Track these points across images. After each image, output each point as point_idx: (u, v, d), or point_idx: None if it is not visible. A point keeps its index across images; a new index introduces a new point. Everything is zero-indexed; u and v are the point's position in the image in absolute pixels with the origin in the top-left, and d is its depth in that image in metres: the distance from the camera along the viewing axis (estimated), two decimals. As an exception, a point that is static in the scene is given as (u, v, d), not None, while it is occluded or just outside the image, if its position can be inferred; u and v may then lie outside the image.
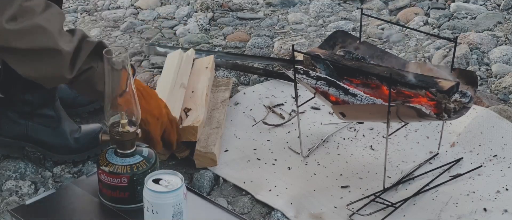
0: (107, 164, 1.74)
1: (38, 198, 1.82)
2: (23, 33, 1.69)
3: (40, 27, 1.70)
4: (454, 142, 2.13)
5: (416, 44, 2.75)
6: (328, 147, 2.13)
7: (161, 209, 1.60)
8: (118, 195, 1.75)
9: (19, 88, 2.00)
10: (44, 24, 1.71)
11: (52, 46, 1.72)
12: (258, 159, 2.08)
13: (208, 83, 2.27)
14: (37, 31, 1.70)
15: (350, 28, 2.87)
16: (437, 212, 1.86)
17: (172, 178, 1.63)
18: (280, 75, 2.45)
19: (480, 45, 2.69)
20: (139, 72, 2.55)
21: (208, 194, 1.96)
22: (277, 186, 1.96)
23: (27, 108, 2.02)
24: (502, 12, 3.01)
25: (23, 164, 2.04)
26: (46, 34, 1.71)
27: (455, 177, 1.99)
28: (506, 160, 2.05)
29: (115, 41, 2.82)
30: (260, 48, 2.73)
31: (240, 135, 2.18)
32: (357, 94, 1.95)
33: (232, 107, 2.32)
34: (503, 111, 2.24)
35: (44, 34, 1.71)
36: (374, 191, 1.93)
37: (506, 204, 1.89)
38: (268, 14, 3.03)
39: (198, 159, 2.03)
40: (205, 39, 2.81)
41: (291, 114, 2.28)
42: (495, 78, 2.50)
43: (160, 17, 3.03)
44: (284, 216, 1.87)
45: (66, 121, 2.06)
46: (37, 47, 1.71)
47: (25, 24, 1.68)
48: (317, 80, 1.97)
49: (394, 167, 2.04)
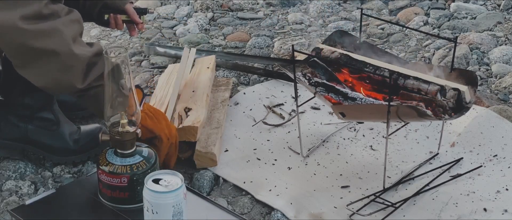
0: (107, 164, 1.74)
1: (38, 198, 1.82)
2: (40, 34, 1.70)
3: (58, 30, 1.71)
4: (454, 142, 2.13)
5: (416, 44, 2.75)
6: (328, 147, 2.13)
7: (161, 209, 1.60)
8: (118, 195, 1.75)
9: (18, 92, 2.00)
10: (61, 27, 1.72)
11: (66, 49, 1.72)
12: (258, 159, 2.08)
13: (208, 83, 2.27)
14: (54, 34, 1.72)
15: (350, 28, 2.87)
16: (437, 212, 1.86)
17: (172, 178, 1.63)
18: (280, 75, 2.45)
19: (480, 45, 2.69)
20: (139, 72, 2.55)
21: (208, 194, 1.96)
22: (277, 186, 1.96)
23: (26, 111, 2.02)
24: (502, 12, 3.01)
25: (23, 164, 2.04)
26: (62, 37, 1.72)
27: (455, 177, 1.99)
28: (506, 160, 2.05)
29: (115, 41, 2.82)
30: (260, 48, 2.73)
31: (240, 135, 2.18)
32: (356, 98, 1.96)
33: (232, 107, 2.31)
34: (503, 111, 2.23)
35: (60, 37, 1.72)
36: (374, 191, 1.93)
37: (506, 204, 1.89)
38: (268, 14, 3.03)
39: (198, 159, 2.03)
40: (205, 39, 2.81)
41: (291, 114, 2.28)
42: (495, 78, 2.50)
43: (160, 17, 3.03)
44: (284, 216, 1.87)
45: (65, 123, 2.06)
46: (50, 48, 1.72)
47: (45, 25, 1.69)
48: (316, 87, 1.98)
49: (394, 167, 2.04)
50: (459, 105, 1.89)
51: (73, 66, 1.76)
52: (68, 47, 1.73)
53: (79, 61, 1.76)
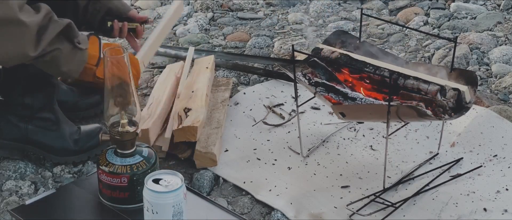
0: (107, 164, 1.74)
1: (38, 198, 1.82)
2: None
3: (1, 1, 1.64)
4: (454, 142, 2.13)
5: (416, 44, 2.75)
6: (328, 147, 2.13)
7: (161, 209, 1.60)
8: (118, 195, 1.75)
9: (19, 92, 2.00)
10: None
11: (13, 16, 1.65)
12: (258, 159, 2.08)
13: (208, 83, 2.27)
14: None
15: (350, 28, 2.87)
16: (437, 212, 1.86)
17: (172, 178, 1.63)
18: (280, 75, 2.45)
19: (480, 45, 2.69)
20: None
21: (208, 194, 1.96)
22: (277, 186, 1.96)
23: (26, 111, 2.02)
24: (502, 12, 3.01)
25: (23, 164, 2.04)
26: (8, 6, 1.65)
27: (455, 177, 1.99)
28: (506, 160, 2.05)
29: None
30: (260, 48, 2.73)
31: (240, 135, 2.18)
32: (356, 98, 1.96)
33: (232, 107, 2.32)
34: (503, 111, 2.24)
35: (6, 6, 1.65)
36: (374, 191, 1.93)
37: (506, 204, 1.89)
38: (268, 14, 3.03)
39: (198, 159, 2.03)
40: (205, 39, 2.81)
41: (291, 114, 2.28)
42: (495, 78, 2.50)
43: (160, 17, 3.03)
44: (284, 216, 1.87)
45: (65, 124, 2.06)
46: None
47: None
48: (316, 87, 1.98)
49: (394, 167, 2.04)
50: (459, 105, 1.89)
51: (24, 33, 1.69)
52: (15, 16, 1.66)
53: (30, 27, 1.69)
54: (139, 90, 2.43)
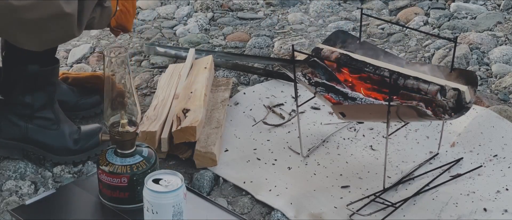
0: (107, 164, 1.74)
1: (38, 198, 1.82)
2: (33, 6, 1.74)
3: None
4: (454, 142, 2.13)
5: (416, 44, 2.75)
6: (328, 147, 2.13)
7: (161, 209, 1.60)
8: (118, 195, 1.75)
9: (19, 91, 2.00)
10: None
11: (61, 12, 1.77)
12: (258, 159, 2.08)
13: (206, 83, 2.27)
14: (43, 1, 1.75)
15: (350, 28, 2.87)
16: (437, 212, 1.86)
17: (172, 178, 1.63)
18: (280, 75, 2.45)
19: (480, 45, 2.69)
20: (139, 72, 2.55)
21: (208, 194, 1.96)
22: (277, 186, 1.96)
23: (27, 111, 2.02)
24: (502, 12, 3.01)
25: (23, 164, 2.04)
26: (53, 4, 1.76)
27: (455, 177, 1.99)
28: (506, 160, 2.05)
29: (115, 41, 2.82)
30: (260, 48, 2.73)
31: (240, 135, 2.18)
32: (356, 98, 1.96)
33: (232, 107, 2.31)
34: (503, 111, 2.24)
35: (53, 5, 1.76)
36: (374, 191, 1.93)
37: (506, 204, 1.89)
38: (268, 14, 3.03)
39: (198, 159, 2.03)
40: (205, 39, 2.81)
41: (291, 114, 2.28)
42: (495, 78, 2.50)
43: (160, 17, 3.03)
44: (284, 216, 1.87)
45: (66, 123, 2.06)
46: (46, 15, 1.76)
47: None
48: (316, 87, 1.98)
49: (394, 167, 2.04)
50: (459, 105, 1.89)
51: (69, 23, 1.80)
52: (62, 11, 1.77)
53: (73, 17, 1.80)
54: (139, 90, 2.43)
